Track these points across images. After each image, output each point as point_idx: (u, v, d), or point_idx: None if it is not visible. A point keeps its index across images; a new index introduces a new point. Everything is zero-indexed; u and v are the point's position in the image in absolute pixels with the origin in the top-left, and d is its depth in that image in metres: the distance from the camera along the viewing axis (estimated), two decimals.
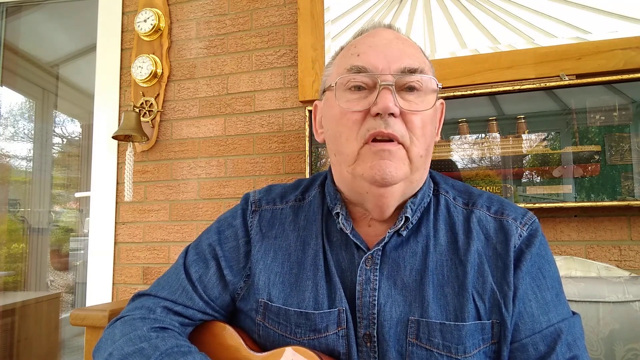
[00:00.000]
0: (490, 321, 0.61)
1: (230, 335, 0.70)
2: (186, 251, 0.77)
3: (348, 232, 0.67)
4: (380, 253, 0.65)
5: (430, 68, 0.67)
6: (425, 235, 0.67)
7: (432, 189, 0.72)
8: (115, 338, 0.66)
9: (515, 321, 0.62)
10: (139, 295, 0.74)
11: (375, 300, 0.63)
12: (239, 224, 0.75)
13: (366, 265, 0.65)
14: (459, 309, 0.61)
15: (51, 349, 2.47)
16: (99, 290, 1.79)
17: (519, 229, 0.65)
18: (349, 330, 0.63)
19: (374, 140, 0.61)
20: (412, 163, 0.63)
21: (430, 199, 0.70)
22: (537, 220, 0.67)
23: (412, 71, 0.63)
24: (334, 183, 0.72)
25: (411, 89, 0.64)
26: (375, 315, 0.62)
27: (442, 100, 0.72)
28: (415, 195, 0.68)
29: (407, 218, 0.66)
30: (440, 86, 0.66)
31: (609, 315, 0.96)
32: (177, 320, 0.70)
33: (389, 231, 0.65)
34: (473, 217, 0.67)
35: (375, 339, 0.62)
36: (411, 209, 0.66)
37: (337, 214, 0.68)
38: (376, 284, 0.64)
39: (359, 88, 0.64)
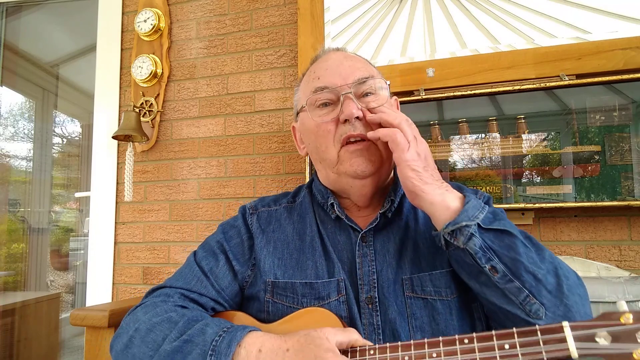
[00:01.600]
0: None
1: (244, 317, 0.78)
2: (194, 252, 0.86)
3: (344, 217, 0.80)
4: (372, 232, 0.78)
5: (378, 73, 0.82)
6: (406, 214, 0.80)
7: None
8: (139, 318, 0.71)
9: None
10: (153, 290, 0.81)
11: (374, 268, 0.75)
12: (240, 224, 0.86)
13: (363, 242, 0.78)
14: (441, 264, 0.74)
15: (51, 349, 2.47)
16: (99, 290, 1.79)
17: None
18: (349, 296, 0.73)
19: (348, 142, 0.75)
20: (382, 154, 0.76)
21: None
22: (487, 195, 0.81)
23: (364, 80, 0.77)
24: (322, 184, 0.85)
25: (367, 94, 0.78)
26: (375, 280, 0.74)
27: (395, 97, 0.88)
28: (395, 182, 0.82)
29: (392, 200, 0.79)
30: (389, 83, 0.81)
31: None
32: (193, 307, 0.77)
33: (380, 212, 0.78)
34: None
35: (377, 300, 0.73)
36: (394, 193, 0.80)
37: (332, 204, 0.81)
38: (373, 256, 0.76)
39: (325, 104, 0.78)
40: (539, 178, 1.32)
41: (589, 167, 1.27)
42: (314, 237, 0.80)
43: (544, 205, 1.27)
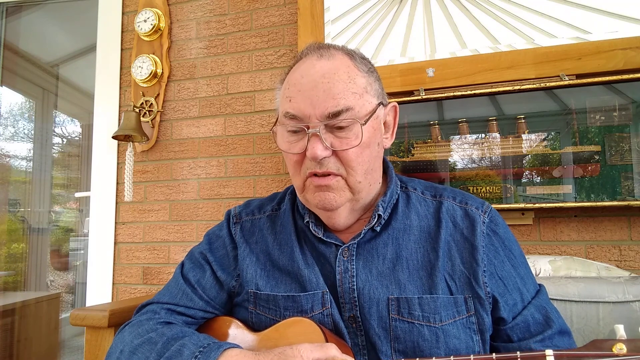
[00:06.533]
0: (463, 296, 0.70)
1: (234, 324, 0.79)
2: (182, 263, 0.86)
3: (321, 236, 0.76)
4: (355, 246, 0.74)
5: (364, 88, 0.71)
6: (397, 227, 0.75)
7: (399, 186, 0.80)
8: (125, 338, 0.73)
9: (505, 298, 0.70)
10: (142, 306, 0.82)
11: (354, 285, 0.72)
12: (225, 234, 0.85)
13: (343, 256, 0.74)
14: (433, 287, 0.70)
15: (51, 349, 2.47)
16: (99, 290, 1.79)
17: (482, 216, 0.74)
18: (333, 309, 0.71)
19: (315, 174, 0.70)
20: (352, 189, 0.71)
21: (399, 195, 0.79)
22: (492, 207, 0.77)
23: (337, 114, 0.67)
24: None
25: (340, 127, 0.69)
26: (356, 298, 0.71)
27: (394, 104, 0.78)
28: (384, 194, 0.77)
29: (379, 215, 0.74)
30: (381, 102, 0.73)
31: (609, 315, 0.96)
32: (180, 319, 0.78)
33: (364, 228, 0.74)
34: (442, 207, 0.76)
35: (360, 319, 0.71)
36: (382, 207, 0.75)
37: (308, 222, 0.77)
38: (354, 272, 0.72)
39: (295, 131, 0.72)
40: (539, 178, 1.32)
41: (589, 167, 1.27)
42: (294, 248, 0.77)
43: (544, 205, 1.27)
